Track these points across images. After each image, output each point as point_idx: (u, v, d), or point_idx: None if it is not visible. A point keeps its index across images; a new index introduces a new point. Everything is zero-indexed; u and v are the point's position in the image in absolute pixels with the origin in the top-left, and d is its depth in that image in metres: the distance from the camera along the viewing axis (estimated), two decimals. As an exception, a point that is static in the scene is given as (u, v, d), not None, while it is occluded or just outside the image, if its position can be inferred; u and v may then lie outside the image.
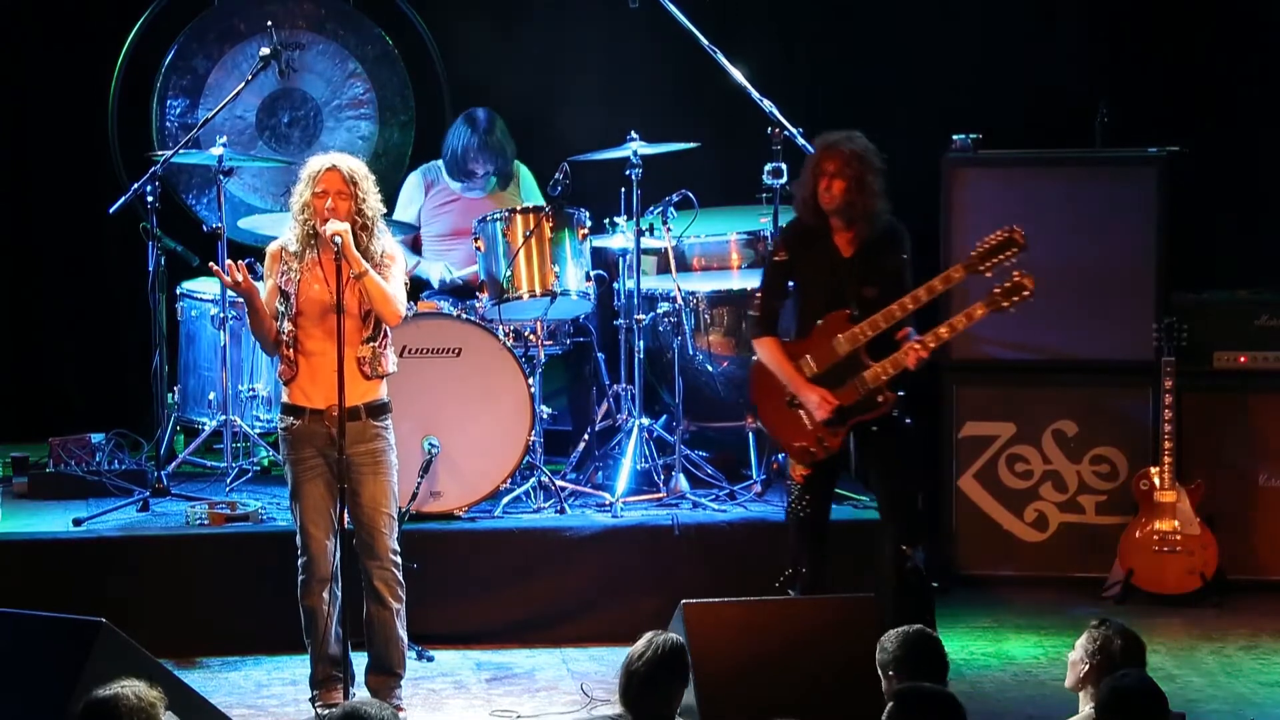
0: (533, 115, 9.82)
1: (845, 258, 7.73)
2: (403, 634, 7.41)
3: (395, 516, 7.39)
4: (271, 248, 7.41)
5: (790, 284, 7.83)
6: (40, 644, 6.43)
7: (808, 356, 7.72)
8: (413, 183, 9.55)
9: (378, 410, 7.32)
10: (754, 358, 7.91)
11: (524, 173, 9.50)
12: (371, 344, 7.28)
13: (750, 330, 7.95)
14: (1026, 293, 7.70)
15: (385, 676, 7.39)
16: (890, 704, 5.23)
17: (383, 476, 7.32)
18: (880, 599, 7.38)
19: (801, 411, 7.73)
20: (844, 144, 7.67)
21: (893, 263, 7.75)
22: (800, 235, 7.81)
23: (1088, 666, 5.91)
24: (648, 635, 5.79)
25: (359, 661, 7.44)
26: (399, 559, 7.39)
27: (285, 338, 7.29)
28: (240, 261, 7.32)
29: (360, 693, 7.29)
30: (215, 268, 7.59)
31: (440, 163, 9.50)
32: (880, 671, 5.92)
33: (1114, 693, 5.37)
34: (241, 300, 7.65)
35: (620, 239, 9.12)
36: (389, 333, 7.36)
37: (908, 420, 7.78)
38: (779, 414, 7.82)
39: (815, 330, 7.72)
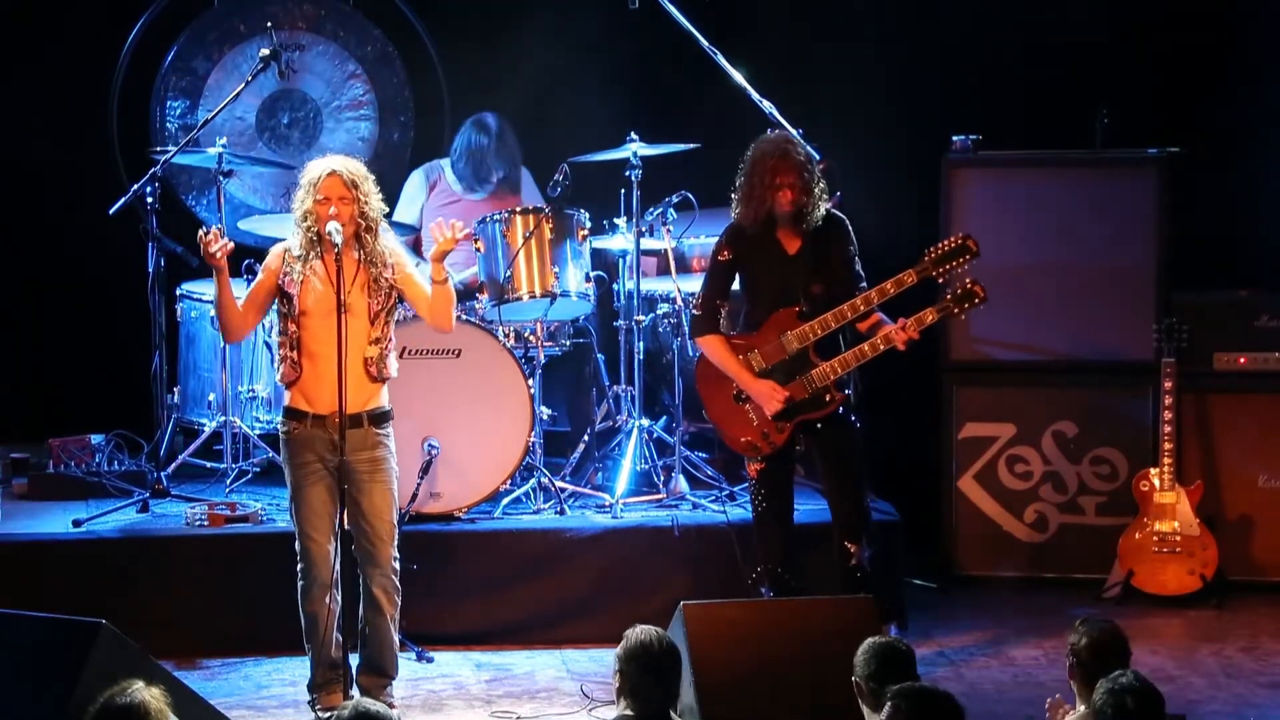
0: (533, 115, 9.82)
1: (791, 255, 7.81)
2: (396, 638, 7.44)
3: (396, 524, 7.40)
4: (276, 248, 7.41)
5: (734, 284, 7.87)
6: (40, 644, 6.42)
7: (755, 352, 7.80)
8: (415, 181, 9.55)
9: (380, 418, 7.33)
10: (699, 355, 7.97)
11: (525, 176, 9.52)
12: (378, 345, 7.29)
13: (693, 329, 7.98)
14: (978, 300, 7.77)
15: (378, 677, 7.43)
16: (888, 704, 5.21)
17: (385, 484, 7.33)
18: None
19: (748, 406, 7.81)
20: (794, 153, 7.73)
21: (841, 254, 7.82)
22: (744, 233, 7.86)
23: (1075, 668, 5.90)
24: (630, 630, 5.76)
25: (352, 661, 7.43)
26: (398, 565, 7.41)
27: (288, 339, 7.29)
28: (227, 242, 7.28)
29: (354, 692, 7.29)
30: (201, 233, 7.43)
31: (442, 162, 9.52)
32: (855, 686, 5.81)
33: (1110, 694, 5.35)
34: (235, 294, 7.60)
35: (620, 240, 9.12)
36: (393, 337, 7.37)
37: (854, 419, 7.82)
38: (725, 409, 7.90)
39: (764, 327, 7.80)
